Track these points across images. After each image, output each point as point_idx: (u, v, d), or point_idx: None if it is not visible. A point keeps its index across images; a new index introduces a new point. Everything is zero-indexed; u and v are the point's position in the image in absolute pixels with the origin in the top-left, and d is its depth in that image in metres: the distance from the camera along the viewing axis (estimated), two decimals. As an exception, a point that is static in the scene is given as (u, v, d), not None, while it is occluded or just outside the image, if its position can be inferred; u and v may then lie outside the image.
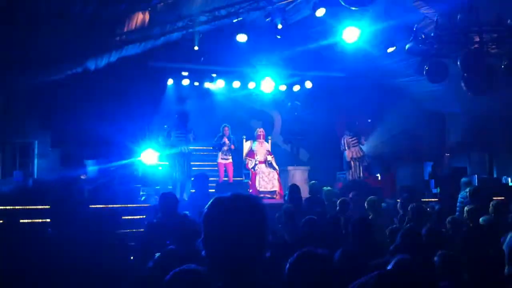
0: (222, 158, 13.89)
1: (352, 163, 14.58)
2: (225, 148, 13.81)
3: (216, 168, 14.42)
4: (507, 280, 4.68)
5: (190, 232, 4.87)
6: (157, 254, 3.54)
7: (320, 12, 11.63)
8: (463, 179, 11.04)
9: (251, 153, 14.37)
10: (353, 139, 14.68)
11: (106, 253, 4.59)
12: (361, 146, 14.81)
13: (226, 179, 14.07)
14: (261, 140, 14.53)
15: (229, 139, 13.76)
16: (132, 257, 4.58)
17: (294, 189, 8.86)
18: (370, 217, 7.52)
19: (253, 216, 1.99)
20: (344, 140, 14.77)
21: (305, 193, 10.64)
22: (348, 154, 14.65)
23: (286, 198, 9.03)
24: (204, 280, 2.18)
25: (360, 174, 14.61)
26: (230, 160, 14.01)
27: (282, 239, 6.16)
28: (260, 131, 14.71)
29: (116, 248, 4.72)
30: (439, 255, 4.03)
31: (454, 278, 3.96)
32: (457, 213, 9.69)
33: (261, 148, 14.42)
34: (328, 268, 2.70)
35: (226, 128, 13.85)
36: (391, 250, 4.53)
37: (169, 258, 3.32)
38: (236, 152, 14.28)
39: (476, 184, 13.00)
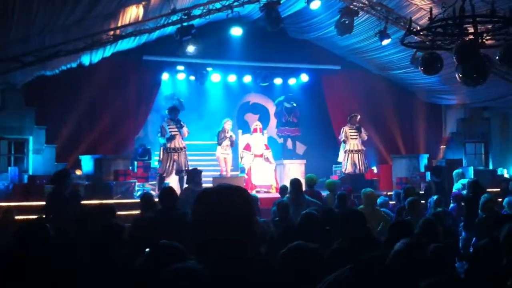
0: (221, 153, 13.84)
1: (350, 155, 14.46)
2: (226, 142, 13.74)
3: (213, 163, 14.44)
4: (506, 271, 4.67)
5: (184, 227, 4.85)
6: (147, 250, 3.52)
7: (315, 4, 11.59)
8: (456, 171, 11.06)
9: (247, 146, 14.34)
10: (353, 131, 14.55)
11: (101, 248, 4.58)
12: (361, 140, 14.69)
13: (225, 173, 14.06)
14: (258, 133, 14.49)
15: (230, 136, 13.71)
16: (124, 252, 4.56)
17: (296, 184, 8.77)
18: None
19: (239, 208, 1.97)
20: (344, 131, 14.60)
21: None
22: (346, 146, 14.55)
23: (286, 191, 8.92)
24: (203, 279, 2.15)
25: (361, 167, 14.45)
26: (230, 154, 14.00)
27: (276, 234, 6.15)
28: (257, 124, 14.68)
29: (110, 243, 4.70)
30: (432, 249, 4.01)
31: (445, 272, 3.94)
32: (451, 205, 9.71)
33: (258, 142, 14.38)
34: (318, 262, 2.69)
35: (229, 122, 13.77)
36: (382, 243, 4.52)
37: (161, 253, 3.30)
38: (233, 147, 14.28)
39: (472, 176, 13.03)
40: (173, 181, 12.74)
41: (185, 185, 10.26)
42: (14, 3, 7.98)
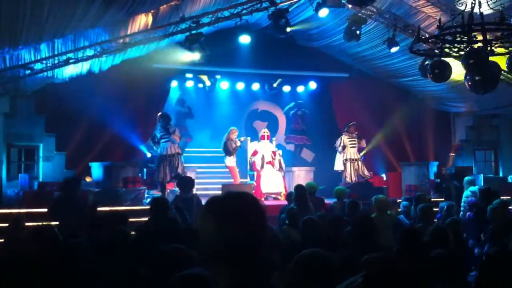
0: (235, 161, 13.90)
1: (350, 163, 14.47)
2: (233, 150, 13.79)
3: (221, 170, 14.47)
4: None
5: (179, 234, 4.92)
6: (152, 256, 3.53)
7: (323, 12, 11.62)
8: (466, 178, 10.99)
9: (255, 153, 14.35)
10: (352, 140, 14.59)
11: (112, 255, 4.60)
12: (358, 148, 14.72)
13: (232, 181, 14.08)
14: (266, 141, 14.50)
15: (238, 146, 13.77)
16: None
17: (300, 190, 8.78)
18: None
19: (250, 213, 1.95)
20: (341, 140, 14.63)
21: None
22: (343, 155, 14.55)
23: (292, 198, 8.95)
24: (210, 285, 2.16)
25: (365, 173, 14.48)
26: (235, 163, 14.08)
27: (289, 240, 6.18)
28: (265, 132, 14.70)
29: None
30: (435, 254, 3.99)
31: (448, 279, 3.92)
32: (461, 212, 9.65)
33: (266, 149, 14.39)
34: (330, 269, 2.70)
35: (234, 132, 13.79)
36: (393, 251, 4.51)
37: (168, 259, 3.31)
38: (239, 155, 14.30)
39: (482, 183, 12.96)
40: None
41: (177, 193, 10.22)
42: (24, 10, 8.05)
